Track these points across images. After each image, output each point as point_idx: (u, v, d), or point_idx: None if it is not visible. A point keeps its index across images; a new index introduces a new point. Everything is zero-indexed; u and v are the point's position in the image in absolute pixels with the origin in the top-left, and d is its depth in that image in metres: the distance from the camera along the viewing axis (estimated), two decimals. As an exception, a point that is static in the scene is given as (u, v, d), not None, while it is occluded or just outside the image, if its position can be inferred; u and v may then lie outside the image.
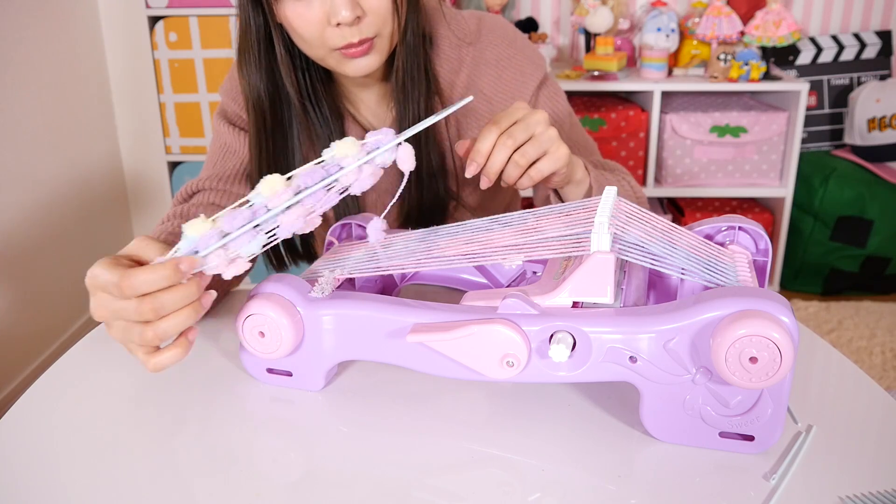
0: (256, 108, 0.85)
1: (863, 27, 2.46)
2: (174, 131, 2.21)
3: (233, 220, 0.52)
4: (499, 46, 0.90)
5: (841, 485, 0.52)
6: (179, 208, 0.85)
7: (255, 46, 0.83)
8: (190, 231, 0.53)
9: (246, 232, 0.53)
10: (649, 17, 2.20)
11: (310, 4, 0.75)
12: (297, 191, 0.53)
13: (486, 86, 0.90)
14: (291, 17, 0.76)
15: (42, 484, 0.55)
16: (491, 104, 0.90)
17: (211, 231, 0.53)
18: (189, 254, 0.53)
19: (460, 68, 0.89)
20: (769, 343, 0.49)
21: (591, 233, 0.55)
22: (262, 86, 0.84)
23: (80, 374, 0.69)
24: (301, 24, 0.76)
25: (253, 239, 0.53)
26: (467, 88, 0.90)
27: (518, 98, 0.90)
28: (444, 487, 0.54)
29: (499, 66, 0.90)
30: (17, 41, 1.93)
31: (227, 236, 0.53)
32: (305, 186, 0.53)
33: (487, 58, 0.90)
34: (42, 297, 2.03)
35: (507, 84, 0.90)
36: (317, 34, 0.77)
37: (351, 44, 0.76)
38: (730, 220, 0.65)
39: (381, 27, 0.78)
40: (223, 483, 0.54)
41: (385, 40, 0.79)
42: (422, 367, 0.59)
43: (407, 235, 0.69)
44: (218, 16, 2.10)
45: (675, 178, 2.24)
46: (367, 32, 0.77)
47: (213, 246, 0.53)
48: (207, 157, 0.93)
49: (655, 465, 0.55)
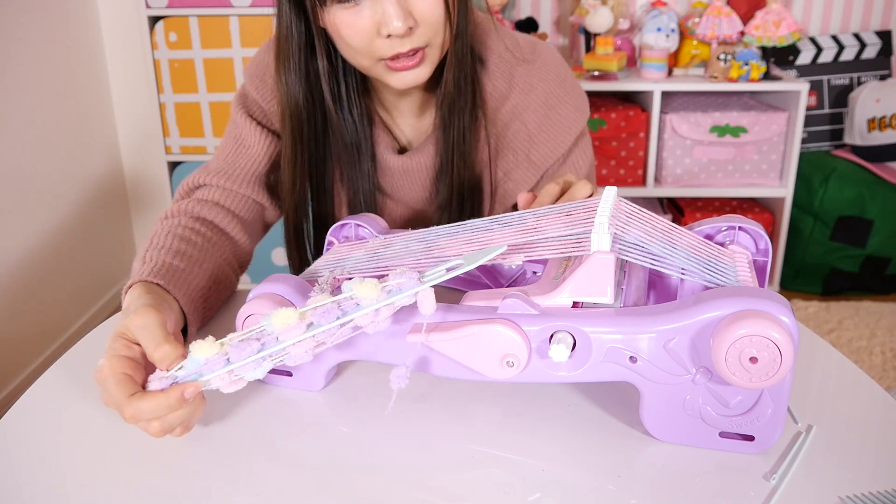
0: (294, 118, 0.82)
1: (863, 27, 2.46)
2: (174, 131, 2.21)
3: (241, 352, 0.53)
4: (551, 83, 0.88)
5: (841, 485, 0.52)
6: (181, 205, 0.83)
7: (297, 54, 0.79)
8: (197, 353, 0.54)
9: (253, 360, 0.53)
10: (649, 17, 2.20)
11: (359, 13, 0.72)
12: (308, 324, 0.53)
13: (531, 122, 0.88)
14: (339, 25, 0.73)
15: (42, 484, 0.54)
16: (532, 141, 0.88)
17: (217, 356, 0.53)
18: (193, 375, 0.54)
19: (510, 92, 0.87)
20: (769, 343, 0.49)
21: (591, 233, 0.55)
22: (300, 95, 0.81)
23: (80, 374, 0.69)
24: (349, 33, 0.73)
25: (259, 366, 0.53)
26: (512, 116, 0.88)
27: (558, 144, 0.88)
28: (444, 488, 0.53)
29: (547, 104, 0.88)
30: (17, 41, 1.93)
31: (231, 362, 0.53)
32: (318, 324, 0.53)
33: (538, 93, 0.87)
34: (42, 297, 2.03)
35: (551, 127, 0.88)
36: (365, 43, 0.74)
37: (400, 54, 0.74)
38: (730, 220, 0.65)
39: (432, 37, 0.75)
40: (223, 483, 0.54)
41: (436, 50, 0.77)
42: (422, 367, 0.59)
43: (407, 235, 0.69)
44: (218, 16, 2.10)
45: (675, 178, 2.24)
46: (418, 42, 0.74)
47: (219, 371, 0.53)
48: (220, 143, 0.90)
49: (655, 465, 0.55)
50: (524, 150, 0.89)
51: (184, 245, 0.76)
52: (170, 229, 0.78)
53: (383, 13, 0.71)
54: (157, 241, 0.75)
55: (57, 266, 2.10)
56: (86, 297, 2.26)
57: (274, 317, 0.52)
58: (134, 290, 0.66)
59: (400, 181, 0.91)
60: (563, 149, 0.89)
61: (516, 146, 0.89)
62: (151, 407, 0.54)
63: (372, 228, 0.75)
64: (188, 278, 0.71)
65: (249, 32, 2.11)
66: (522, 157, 0.89)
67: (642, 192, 2.26)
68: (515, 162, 0.89)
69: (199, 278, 0.73)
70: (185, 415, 0.55)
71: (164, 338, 0.57)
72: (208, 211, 0.83)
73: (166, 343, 0.57)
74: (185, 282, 0.71)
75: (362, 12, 0.72)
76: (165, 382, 0.55)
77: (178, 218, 0.81)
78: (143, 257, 0.72)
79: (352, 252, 0.70)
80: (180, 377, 0.55)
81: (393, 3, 0.71)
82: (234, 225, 0.85)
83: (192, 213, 0.83)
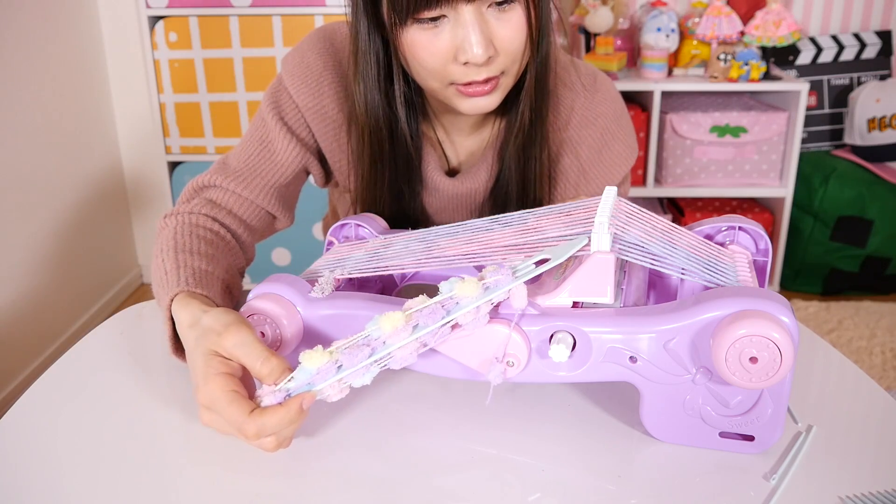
0: (375, 135, 0.79)
1: (863, 27, 2.46)
2: (174, 131, 2.21)
3: (353, 358, 0.53)
4: (608, 119, 0.86)
5: (841, 485, 0.52)
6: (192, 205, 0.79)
7: (376, 71, 0.76)
8: (308, 364, 0.53)
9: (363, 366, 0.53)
10: (649, 17, 2.20)
11: (438, 34, 0.69)
12: (414, 326, 0.53)
13: (585, 155, 0.86)
14: (415, 45, 0.70)
15: (42, 484, 0.54)
16: (584, 175, 0.86)
17: (328, 364, 0.53)
18: (304, 385, 0.54)
19: (569, 121, 0.85)
20: (769, 343, 0.49)
21: (592, 233, 0.55)
22: (380, 110, 0.78)
23: (80, 374, 0.69)
24: (424, 56, 0.70)
25: (367, 372, 0.53)
26: (567, 147, 0.86)
27: (608, 181, 0.87)
28: (444, 487, 0.54)
29: (603, 140, 0.86)
30: (17, 41, 1.93)
31: (341, 369, 0.53)
32: (424, 325, 0.53)
33: (595, 127, 0.85)
34: (42, 297, 2.03)
35: (603, 163, 0.86)
36: (439, 66, 0.71)
37: (475, 81, 0.71)
38: (730, 220, 0.65)
39: (509, 66, 0.72)
40: (223, 481, 0.54)
41: (510, 78, 0.74)
42: (421, 366, 0.59)
43: (407, 235, 0.69)
44: (218, 16, 2.10)
45: (675, 178, 2.24)
46: (495, 71, 0.71)
47: (331, 379, 0.53)
48: (244, 140, 0.85)
49: (656, 465, 0.55)
50: (574, 184, 0.87)
51: (210, 249, 0.73)
52: (191, 230, 0.75)
53: (464, 39, 0.68)
54: (181, 242, 0.72)
55: (57, 266, 2.10)
56: (86, 297, 2.26)
57: (382, 320, 0.52)
58: (191, 302, 0.63)
59: (445, 203, 0.88)
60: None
61: (568, 178, 0.87)
62: (275, 422, 0.52)
63: (372, 228, 0.75)
64: (216, 282, 0.69)
65: (249, 32, 2.11)
66: (572, 189, 0.87)
67: (642, 192, 2.26)
68: (564, 192, 0.87)
69: (221, 282, 0.71)
70: (297, 427, 0.54)
71: (268, 352, 0.54)
72: (220, 215, 0.80)
73: (273, 357, 0.54)
74: (215, 287, 0.68)
75: (441, 34, 0.69)
76: (280, 396, 0.53)
77: (195, 216, 0.77)
78: (175, 260, 0.69)
79: (352, 252, 0.70)
80: (292, 389, 0.53)
81: (476, 28, 0.68)
82: (244, 232, 0.82)
83: (205, 214, 0.79)
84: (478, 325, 0.54)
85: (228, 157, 0.85)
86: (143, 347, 0.74)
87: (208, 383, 0.54)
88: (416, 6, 0.67)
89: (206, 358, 0.55)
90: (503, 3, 0.69)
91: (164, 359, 0.71)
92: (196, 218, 0.77)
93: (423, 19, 0.69)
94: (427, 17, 0.68)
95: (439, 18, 0.69)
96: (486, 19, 0.69)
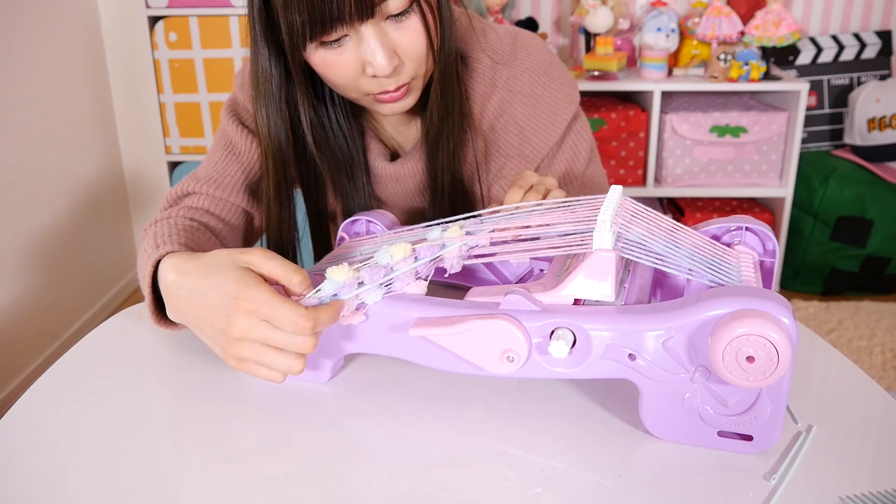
0: (276, 157, 0.80)
1: (863, 27, 2.46)
2: (174, 131, 2.21)
3: (373, 275, 0.59)
4: (534, 74, 0.86)
5: (841, 485, 0.52)
6: (171, 212, 0.81)
7: (276, 93, 0.78)
8: (335, 275, 0.59)
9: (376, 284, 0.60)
10: (649, 17, 2.20)
11: (342, 53, 0.71)
12: (414, 258, 0.61)
13: (519, 115, 0.87)
14: (323, 65, 0.73)
15: (43, 483, 0.55)
16: (523, 134, 0.87)
17: (351, 280, 0.59)
18: (329, 296, 0.59)
19: (493, 91, 0.86)
20: (766, 342, 0.49)
21: (594, 230, 0.56)
22: (282, 133, 0.79)
23: (80, 374, 0.69)
24: (333, 73, 0.73)
25: (377, 290, 0.60)
26: (499, 114, 0.87)
27: (549, 133, 0.87)
28: (445, 480, 0.54)
29: (533, 96, 0.86)
30: (17, 41, 1.93)
31: (361, 286, 0.59)
32: (422, 256, 0.61)
33: (522, 85, 0.86)
34: (42, 297, 2.03)
35: (540, 117, 0.87)
36: (350, 81, 0.73)
37: (387, 90, 0.74)
38: (737, 220, 0.65)
39: (417, 70, 0.75)
40: (228, 473, 0.54)
41: (421, 80, 0.77)
42: (424, 360, 0.60)
43: (415, 230, 0.70)
44: (218, 16, 2.10)
45: (675, 178, 2.24)
46: (404, 80, 0.74)
47: (353, 293, 0.59)
48: (209, 151, 0.88)
49: (656, 465, 0.55)
50: (516, 146, 0.88)
51: (193, 235, 0.75)
52: (172, 225, 0.75)
53: (368, 53, 0.70)
54: (163, 233, 0.72)
55: (57, 266, 2.10)
56: (86, 297, 2.26)
57: (394, 248, 0.60)
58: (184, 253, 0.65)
59: (393, 188, 0.90)
60: (555, 137, 0.87)
61: (506, 143, 0.88)
62: (327, 316, 0.57)
63: (381, 223, 0.76)
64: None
65: (249, 32, 2.11)
66: (515, 152, 0.88)
67: (642, 192, 2.26)
68: (507, 159, 0.88)
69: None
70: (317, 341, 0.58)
71: (292, 264, 0.59)
72: (198, 215, 0.81)
73: (300, 268, 0.59)
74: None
75: (346, 52, 0.71)
76: (314, 300, 0.59)
77: (174, 219, 0.78)
78: (155, 244, 0.69)
79: (360, 246, 0.70)
80: (321, 298, 0.59)
81: (377, 43, 0.70)
82: (223, 228, 0.83)
83: (185, 217, 0.80)
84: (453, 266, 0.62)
85: (198, 169, 0.88)
86: (143, 347, 0.74)
87: (251, 290, 0.57)
88: (313, 32, 0.69)
89: (241, 273, 0.58)
90: (399, 15, 0.71)
91: (164, 359, 0.71)
92: (176, 220, 0.78)
93: (326, 42, 0.71)
94: (328, 40, 0.70)
95: (341, 38, 0.71)
96: (385, 32, 0.71)
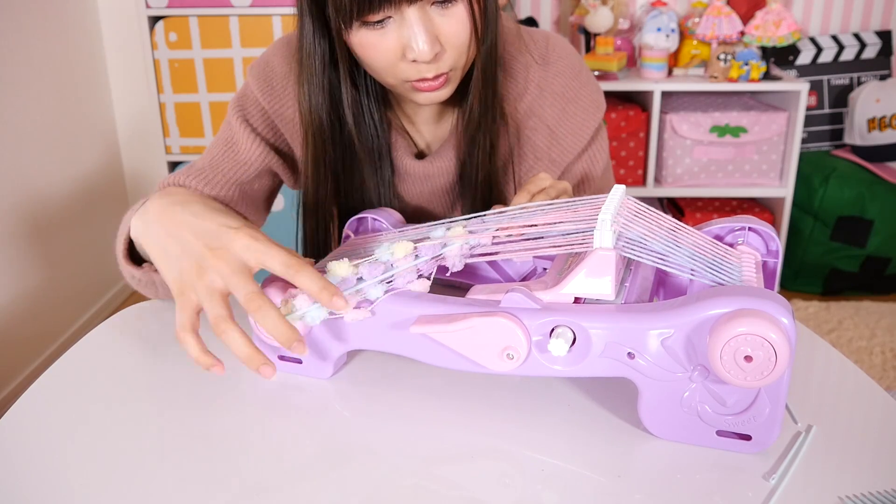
0: (318, 135, 0.80)
1: (863, 27, 2.46)
2: (174, 131, 2.21)
3: (373, 271, 0.60)
4: (566, 77, 0.87)
5: (841, 485, 0.52)
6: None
7: (320, 70, 0.77)
8: (337, 270, 0.60)
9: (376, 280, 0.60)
10: (649, 17, 2.20)
11: (384, 35, 0.70)
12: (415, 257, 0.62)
13: (550, 116, 0.87)
14: (363, 46, 0.72)
15: (43, 483, 0.55)
16: (553, 136, 0.87)
17: (351, 276, 0.60)
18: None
19: (525, 91, 0.86)
20: (764, 342, 0.49)
21: (595, 229, 0.56)
22: (324, 111, 0.80)
23: (80, 374, 0.69)
24: (373, 55, 0.72)
25: (378, 285, 0.60)
26: (530, 114, 0.87)
27: (578, 138, 0.88)
28: (445, 477, 0.54)
29: (564, 98, 0.87)
30: (17, 41, 1.93)
31: (361, 281, 0.60)
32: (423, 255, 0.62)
33: (554, 87, 0.87)
34: (42, 296, 2.03)
35: (570, 119, 0.87)
36: (388, 65, 0.72)
37: (425, 78, 0.73)
38: (741, 220, 0.65)
39: (457, 59, 0.74)
40: (231, 470, 0.54)
41: (460, 72, 0.76)
42: (425, 357, 0.60)
43: (419, 229, 0.70)
44: (218, 16, 2.10)
45: (675, 178, 2.24)
46: (444, 68, 0.73)
47: (353, 288, 0.60)
48: (211, 143, 0.87)
49: (656, 464, 0.55)
50: (545, 148, 0.88)
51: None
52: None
53: (409, 38, 0.70)
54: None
55: (57, 266, 2.10)
56: (86, 297, 2.26)
57: (395, 246, 0.61)
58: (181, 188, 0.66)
59: (419, 186, 0.90)
60: (584, 141, 0.88)
61: (535, 144, 0.88)
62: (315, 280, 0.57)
63: (387, 222, 0.76)
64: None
65: (249, 32, 2.11)
66: (544, 154, 0.88)
67: (642, 192, 2.26)
68: (535, 160, 0.88)
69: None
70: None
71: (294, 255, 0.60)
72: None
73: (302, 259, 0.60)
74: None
75: (388, 35, 0.70)
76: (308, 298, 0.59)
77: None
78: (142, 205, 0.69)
79: (365, 244, 0.70)
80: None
81: (420, 27, 0.69)
82: None
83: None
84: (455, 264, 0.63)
85: (197, 159, 0.88)
86: (143, 347, 0.74)
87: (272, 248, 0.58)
88: (359, 10, 0.69)
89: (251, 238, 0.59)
90: (445, 1, 0.70)
91: (164, 359, 0.71)
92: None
93: (369, 22, 0.70)
94: (372, 20, 0.70)
95: (385, 20, 0.70)
96: (429, 17, 0.70)
